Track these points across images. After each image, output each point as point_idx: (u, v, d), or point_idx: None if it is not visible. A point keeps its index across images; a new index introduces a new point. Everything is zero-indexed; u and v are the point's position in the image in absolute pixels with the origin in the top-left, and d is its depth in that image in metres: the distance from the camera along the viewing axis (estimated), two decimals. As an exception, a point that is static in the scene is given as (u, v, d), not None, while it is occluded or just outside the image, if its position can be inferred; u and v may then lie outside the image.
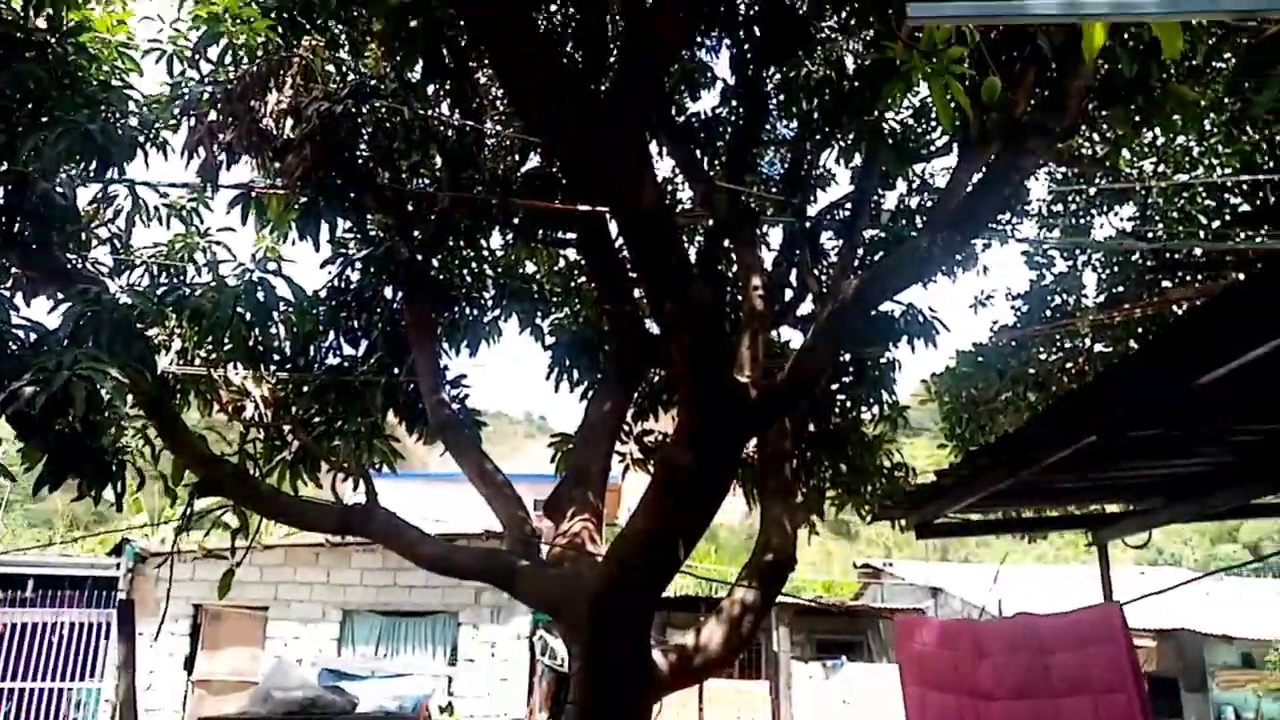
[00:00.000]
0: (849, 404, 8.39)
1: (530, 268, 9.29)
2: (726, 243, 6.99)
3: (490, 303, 8.31)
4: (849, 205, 7.47)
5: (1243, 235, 7.92)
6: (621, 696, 4.74)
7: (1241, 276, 7.32)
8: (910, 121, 8.05)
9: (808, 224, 7.37)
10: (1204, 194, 8.75)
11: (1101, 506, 6.84)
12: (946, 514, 5.68)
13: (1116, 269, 9.14)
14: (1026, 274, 9.73)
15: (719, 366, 4.30)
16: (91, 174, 5.35)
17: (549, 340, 8.30)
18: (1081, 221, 9.69)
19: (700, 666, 5.28)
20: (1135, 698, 4.36)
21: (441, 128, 7.18)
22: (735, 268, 7.63)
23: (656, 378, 8.32)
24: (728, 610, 5.41)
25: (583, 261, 8.52)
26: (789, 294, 7.86)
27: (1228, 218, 8.41)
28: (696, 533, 4.67)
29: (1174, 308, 7.10)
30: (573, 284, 9.24)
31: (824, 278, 7.36)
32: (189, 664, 13.43)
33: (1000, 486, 4.58)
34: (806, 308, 7.78)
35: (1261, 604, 16.81)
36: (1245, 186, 8.20)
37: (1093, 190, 9.33)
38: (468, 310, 8.14)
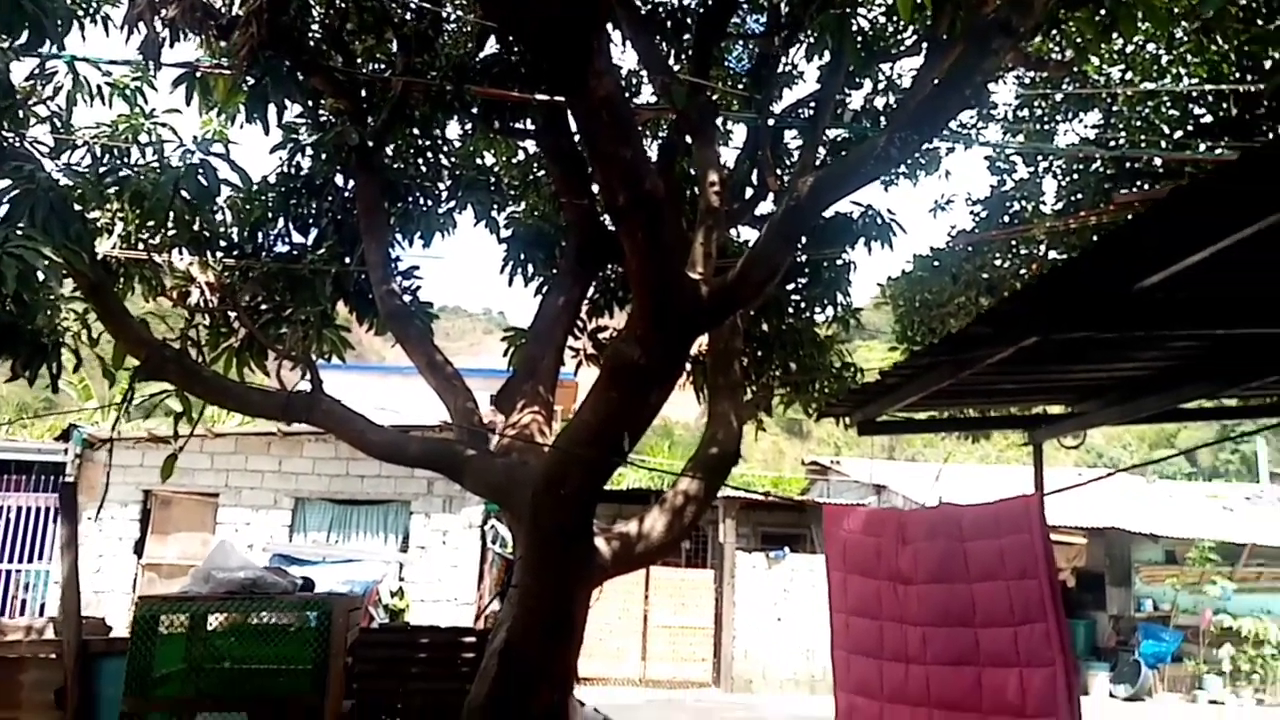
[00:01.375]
0: (803, 304, 8.44)
1: (488, 159, 9.10)
2: (687, 139, 6.87)
3: (445, 194, 8.15)
4: (814, 104, 7.37)
5: (1204, 146, 7.94)
6: (562, 580, 4.85)
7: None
8: (881, 19, 7.90)
9: (770, 121, 7.26)
10: (1169, 103, 8.72)
11: (1043, 408, 7.00)
12: (890, 412, 5.77)
13: (1077, 176, 9.15)
14: (988, 179, 9.73)
15: (671, 262, 4.27)
16: (25, 47, 5.08)
17: (505, 233, 8.19)
18: (1046, 127, 9.66)
19: (642, 553, 5.41)
20: (1046, 584, 4.54)
21: (397, 9, 6.92)
22: (694, 164, 7.53)
23: (613, 274, 8.28)
24: (671, 500, 5.52)
25: (541, 154, 8.35)
26: (749, 192, 7.80)
27: (1190, 128, 8.42)
28: (642, 426, 4.72)
29: (1128, 215, 7.13)
30: (530, 177, 9.09)
31: (785, 177, 7.29)
32: (139, 548, 13.49)
33: (942, 385, 4.64)
34: (766, 207, 7.73)
35: (1189, 505, 17.53)
36: (1210, 97, 8.19)
37: (1058, 96, 9.27)
38: (422, 200, 7.98)
